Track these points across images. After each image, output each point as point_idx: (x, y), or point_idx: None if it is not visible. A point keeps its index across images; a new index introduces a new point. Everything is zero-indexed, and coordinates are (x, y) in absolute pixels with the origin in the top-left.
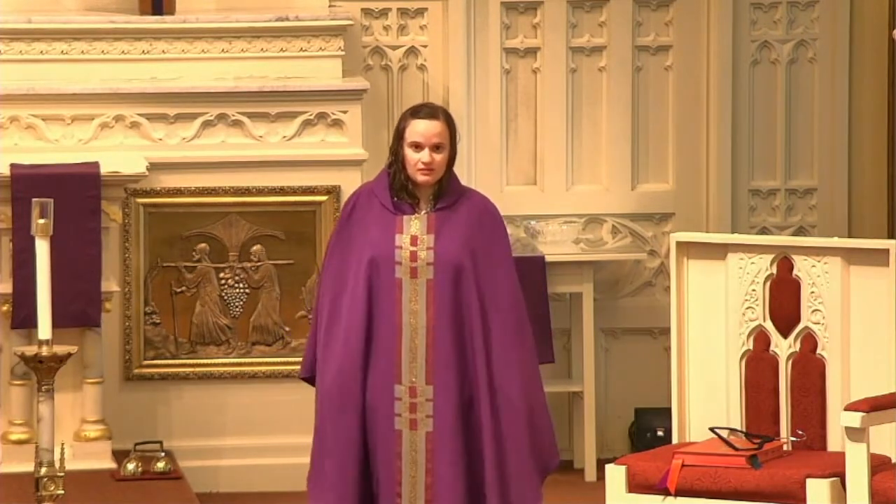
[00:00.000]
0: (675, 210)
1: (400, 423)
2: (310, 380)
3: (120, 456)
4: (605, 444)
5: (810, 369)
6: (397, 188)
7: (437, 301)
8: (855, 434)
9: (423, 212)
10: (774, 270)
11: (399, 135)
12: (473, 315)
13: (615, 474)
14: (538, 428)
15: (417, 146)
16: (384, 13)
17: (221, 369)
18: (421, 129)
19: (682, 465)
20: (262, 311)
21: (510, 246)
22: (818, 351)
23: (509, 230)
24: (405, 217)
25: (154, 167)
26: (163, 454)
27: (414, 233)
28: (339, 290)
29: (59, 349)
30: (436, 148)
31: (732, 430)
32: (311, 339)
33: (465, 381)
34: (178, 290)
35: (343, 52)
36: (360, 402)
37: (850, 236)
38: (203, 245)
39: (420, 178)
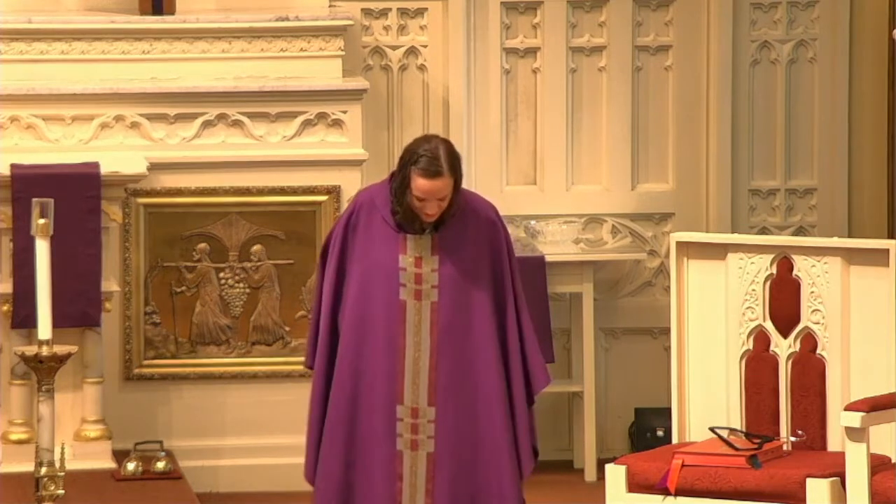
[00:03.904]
0: (675, 210)
1: (401, 443)
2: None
3: (120, 456)
4: (605, 444)
5: (810, 369)
6: (405, 220)
7: (442, 323)
8: (855, 434)
9: (428, 232)
10: (774, 270)
11: (404, 181)
12: (483, 333)
13: (615, 474)
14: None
15: (422, 199)
16: (384, 13)
17: (221, 369)
18: (426, 189)
19: (682, 465)
20: (262, 311)
21: (514, 251)
22: (818, 351)
23: (510, 230)
24: (409, 236)
25: (154, 167)
26: (163, 454)
27: (418, 254)
28: (340, 305)
29: (59, 349)
30: (441, 199)
31: (732, 430)
32: (312, 333)
33: (469, 402)
34: (178, 290)
35: (343, 52)
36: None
37: (850, 236)
38: (203, 245)
39: (425, 220)
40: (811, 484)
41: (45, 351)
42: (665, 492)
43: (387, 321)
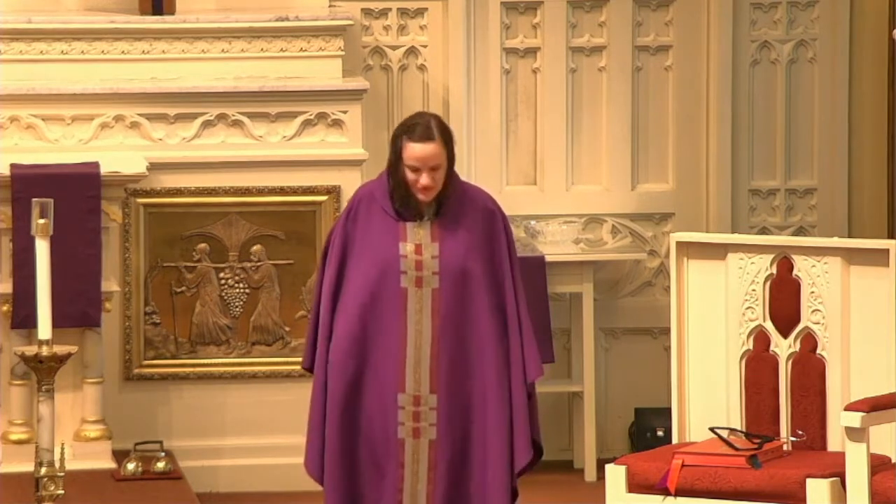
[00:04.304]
0: (675, 210)
1: (403, 431)
2: (312, 370)
3: (120, 456)
4: (605, 444)
5: (810, 369)
6: (400, 203)
7: (443, 310)
8: (855, 434)
9: (426, 218)
10: (774, 270)
11: (396, 154)
12: (483, 318)
13: (615, 474)
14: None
15: (416, 169)
16: (384, 13)
17: (221, 369)
18: (417, 153)
19: (682, 465)
20: (262, 311)
21: (514, 242)
22: (818, 351)
23: None
24: (408, 224)
25: (154, 167)
26: (163, 454)
27: (418, 241)
28: (340, 296)
29: (59, 349)
30: (434, 168)
31: (732, 430)
32: (311, 332)
33: (468, 389)
34: (178, 290)
35: (343, 52)
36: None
37: (850, 236)
38: (203, 245)
39: (421, 196)
40: (811, 484)
41: (45, 351)
42: (665, 492)
43: (388, 309)
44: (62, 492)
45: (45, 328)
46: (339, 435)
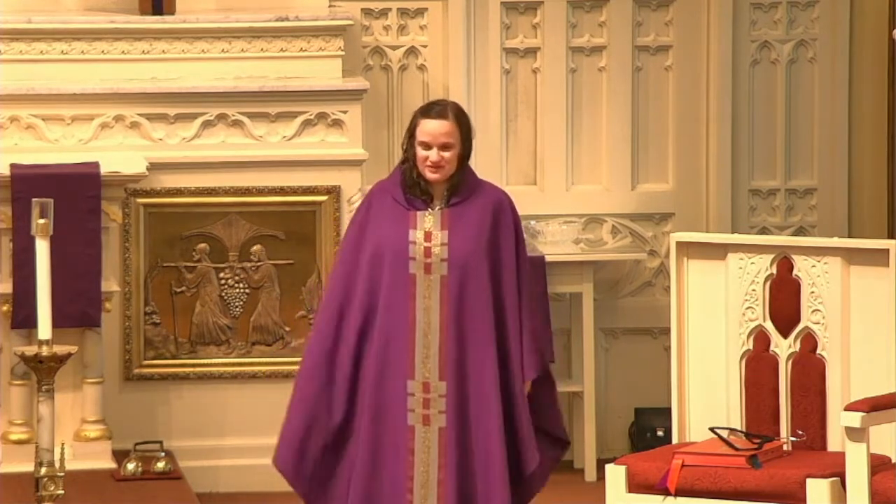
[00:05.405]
0: (675, 210)
1: (413, 418)
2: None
3: (120, 456)
4: (605, 444)
5: (810, 369)
6: (410, 185)
7: (451, 297)
8: (855, 434)
9: (437, 207)
10: (774, 270)
11: (411, 133)
12: (484, 311)
13: (615, 474)
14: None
15: (426, 145)
16: (384, 13)
17: (221, 369)
18: (429, 128)
19: (682, 465)
20: (262, 311)
21: (524, 237)
22: (818, 351)
23: None
24: (418, 213)
25: (154, 167)
26: (163, 454)
27: (427, 228)
28: (350, 287)
29: (59, 349)
30: (444, 147)
31: (732, 430)
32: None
33: (475, 379)
34: (178, 290)
35: (343, 52)
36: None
37: (850, 236)
38: (203, 245)
39: (428, 175)
40: (811, 484)
41: (45, 351)
42: (665, 492)
43: (397, 296)
44: (62, 492)
45: (45, 328)
46: (370, 415)
